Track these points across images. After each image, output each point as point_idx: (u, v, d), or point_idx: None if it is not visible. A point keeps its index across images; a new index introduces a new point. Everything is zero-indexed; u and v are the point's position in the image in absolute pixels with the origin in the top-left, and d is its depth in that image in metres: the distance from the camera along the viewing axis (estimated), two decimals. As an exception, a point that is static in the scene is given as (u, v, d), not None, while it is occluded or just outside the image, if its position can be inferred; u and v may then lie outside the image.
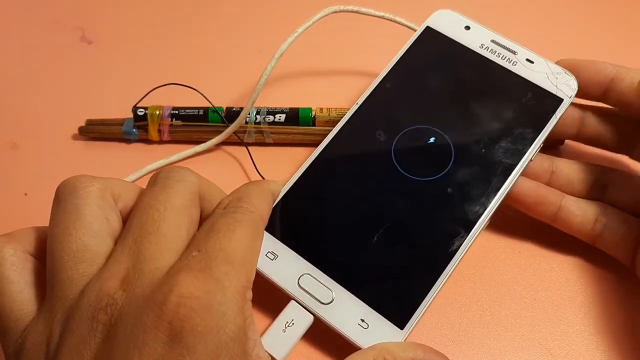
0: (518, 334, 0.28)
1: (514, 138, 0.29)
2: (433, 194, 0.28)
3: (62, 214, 0.21)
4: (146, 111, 0.36)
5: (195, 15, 0.45)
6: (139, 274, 0.19)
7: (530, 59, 0.31)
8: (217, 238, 0.21)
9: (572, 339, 0.28)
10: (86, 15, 0.45)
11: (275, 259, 0.27)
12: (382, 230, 0.27)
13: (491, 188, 0.28)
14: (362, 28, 0.43)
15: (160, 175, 0.23)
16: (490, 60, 0.31)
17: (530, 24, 0.41)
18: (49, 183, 0.34)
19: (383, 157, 0.29)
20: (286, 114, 0.36)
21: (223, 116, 0.35)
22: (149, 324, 0.18)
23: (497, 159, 0.29)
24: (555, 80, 0.30)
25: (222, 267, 0.20)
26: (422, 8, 0.37)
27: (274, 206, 0.28)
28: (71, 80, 0.41)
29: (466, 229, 0.27)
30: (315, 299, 0.26)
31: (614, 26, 0.43)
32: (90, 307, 0.19)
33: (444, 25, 0.33)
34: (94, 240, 0.21)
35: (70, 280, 0.20)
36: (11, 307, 0.20)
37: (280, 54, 0.34)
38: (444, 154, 0.29)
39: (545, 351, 0.28)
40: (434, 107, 0.31)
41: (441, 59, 0.32)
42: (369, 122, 0.31)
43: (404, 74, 0.32)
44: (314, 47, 0.38)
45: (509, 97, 0.30)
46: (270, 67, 0.34)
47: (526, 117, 0.30)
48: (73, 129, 0.37)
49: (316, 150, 0.30)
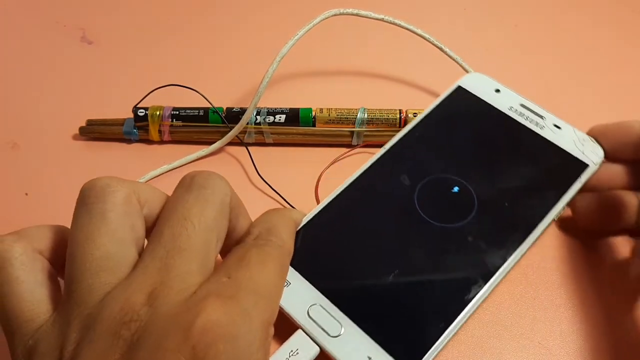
0: (518, 333, 0.28)
1: (537, 198, 0.29)
2: (452, 241, 0.28)
3: (86, 218, 0.20)
4: (147, 111, 0.36)
5: (195, 16, 0.46)
6: (167, 291, 0.19)
7: (558, 125, 0.32)
8: (249, 268, 0.21)
9: (572, 339, 0.28)
10: (87, 15, 0.45)
11: (287, 286, 0.27)
12: (398, 270, 0.27)
13: (511, 242, 0.28)
14: (361, 30, 0.43)
15: (195, 182, 0.22)
16: (518, 122, 0.32)
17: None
18: (49, 183, 0.34)
19: (405, 200, 0.30)
20: (286, 114, 0.36)
21: (223, 117, 0.35)
22: (172, 346, 0.17)
23: (519, 216, 0.29)
24: (582, 146, 0.31)
25: (251, 298, 0.19)
26: (421, 11, 0.37)
27: (298, 231, 0.28)
28: (72, 81, 0.41)
29: (483, 278, 0.27)
30: (323, 331, 0.25)
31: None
32: (113, 321, 0.18)
33: (475, 86, 0.34)
34: (118, 249, 0.20)
35: (91, 288, 0.19)
36: (21, 307, 0.20)
37: (282, 57, 0.34)
38: (466, 204, 0.29)
39: (545, 351, 0.28)
40: (460, 160, 0.31)
41: (470, 116, 0.33)
42: (395, 165, 0.31)
43: (433, 125, 0.33)
44: (313, 49, 0.38)
45: (534, 158, 0.31)
46: (272, 70, 0.34)
47: (551, 179, 0.30)
48: (74, 129, 0.37)
49: (341, 185, 0.31)
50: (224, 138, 0.35)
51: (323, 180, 0.35)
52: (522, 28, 0.45)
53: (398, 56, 0.43)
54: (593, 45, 0.44)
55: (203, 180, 0.22)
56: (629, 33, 0.45)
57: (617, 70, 0.42)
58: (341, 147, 0.36)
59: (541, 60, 0.43)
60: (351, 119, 0.36)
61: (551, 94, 0.41)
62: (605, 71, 0.42)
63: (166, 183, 0.34)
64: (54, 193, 0.34)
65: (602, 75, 0.42)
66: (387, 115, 0.36)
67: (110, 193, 0.21)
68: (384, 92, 0.40)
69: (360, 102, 0.36)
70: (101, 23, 0.45)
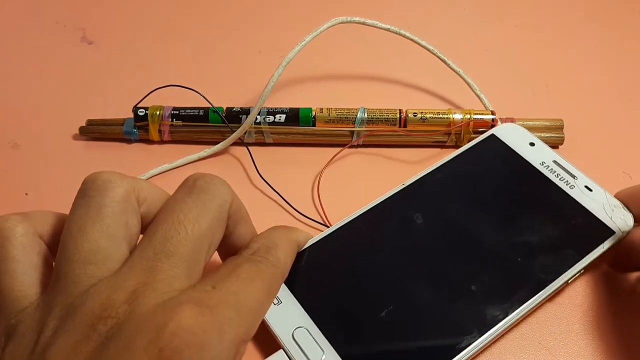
0: (518, 333, 0.28)
1: (553, 257, 0.28)
2: (454, 288, 0.27)
3: (83, 209, 0.21)
4: (147, 111, 0.36)
5: (195, 16, 0.46)
6: (149, 293, 0.19)
7: (590, 187, 0.31)
8: (236, 282, 0.21)
9: (572, 339, 0.28)
10: (87, 15, 0.45)
11: (278, 305, 0.27)
12: (392, 308, 0.27)
13: (516, 298, 0.27)
14: (364, 36, 0.43)
15: (196, 186, 0.22)
16: (548, 179, 0.31)
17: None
18: (49, 183, 0.34)
19: (414, 239, 0.29)
20: (286, 114, 0.36)
21: (223, 117, 0.35)
22: (141, 344, 0.17)
23: (531, 272, 0.28)
24: (611, 212, 0.30)
25: (228, 313, 0.19)
26: (427, 22, 0.37)
27: (300, 252, 0.28)
28: (72, 81, 0.41)
29: (480, 330, 0.26)
30: (304, 355, 0.25)
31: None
32: (92, 314, 0.18)
33: (509, 136, 0.33)
34: (109, 244, 0.20)
35: (77, 279, 0.20)
36: (11, 286, 0.20)
37: (288, 62, 0.34)
38: (477, 252, 0.29)
39: (545, 351, 0.28)
40: (479, 205, 0.30)
41: (499, 165, 0.32)
42: (410, 203, 0.31)
43: (458, 169, 0.32)
44: (316, 52, 0.38)
45: (559, 217, 0.30)
46: (278, 74, 0.34)
47: (572, 240, 0.29)
48: (74, 129, 0.37)
49: (353, 213, 0.30)
50: (227, 140, 0.35)
51: (323, 180, 0.35)
52: (522, 28, 0.45)
53: (400, 58, 0.43)
54: (593, 45, 0.44)
55: (205, 184, 0.22)
56: (629, 33, 0.45)
57: (617, 69, 0.42)
58: (341, 147, 0.36)
59: (541, 60, 0.43)
60: (351, 119, 0.36)
61: (551, 94, 0.41)
62: (605, 71, 0.42)
63: (166, 182, 0.34)
64: (54, 193, 0.34)
65: (602, 75, 0.42)
66: (387, 115, 0.36)
67: (110, 188, 0.21)
68: (385, 93, 0.40)
69: (360, 103, 0.36)
70: (101, 23, 0.45)
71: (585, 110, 0.39)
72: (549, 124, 0.37)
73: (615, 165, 0.36)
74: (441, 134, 0.36)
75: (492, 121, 0.36)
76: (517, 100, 0.40)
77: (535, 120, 0.37)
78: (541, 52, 0.44)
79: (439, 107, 0.37)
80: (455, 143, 0.36)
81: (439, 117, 0.36)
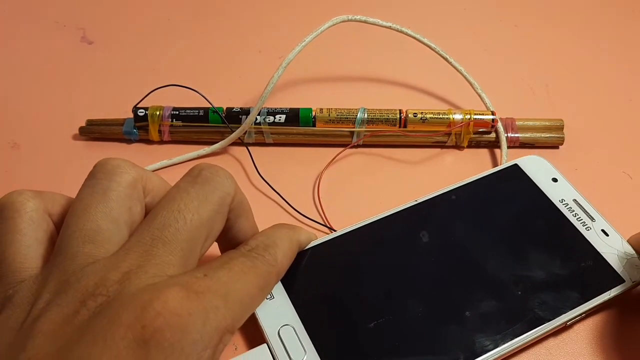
0: (518, 334, 0.28)
1: (556, 296, 0.28)
2: (449, 310, 0.27)
3: (89, 190, 0.22)
4: (146, 111, 0.36)
5: (195, 16, 0.46)
6: (141, 275, 0.19)
7: (607, 232, 0.30)
8: (228, 273, 0.21)
9: (572, 339, 0.28)
10: (87, 15, 0.45)
11: (270, 300, 0.27)
12: (381, 320, 0.27)
13: (510, 331, 0.26)
14: (363, 34, 0.43)
15: (201, 176, 0.23)
16: (564, 217, 0.31)
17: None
18: (49, 183, 0.34)
19: (416, 257, 0.29)
20: (286, 114, 0.36)
21: (223, 117, 0.35)
22: (125, 321, 0.18)
23: (529, 307, 0.27)
24: (625, 260, 0.29)
25: (215, 301, 0.20)
26: (427, 22, 0.37)
27: (301, 252, 0.28)
28: (72, 81, 0.41)
29: (465, 357, 0.26)
30: (286, 353, 0.25)
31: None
32: (84, 291, 0.19)
33: (532, 168, 0.33)
34: (109, 226, 0.21)
35: (74, 256, 0.20)
36: (15, 257, 0.21)
37: (288, 63, 0.34)
38: (476, 280, 0.28)
39: (545, 351, 0.28)
40: (488, 233, 0.30)
41: (516, 196, 0.32)
42: (419, 220, 0.30)
43: (474, 193, 0.32)
44: (316, 52, 0.38)
45: (569, 257, 0.29)
46: (277, 75, 0.34)
47: (579, 282, 0.28)
48: (74, 129, 0.37)
49: (360, 222, 0.30)
50: (226, 139, 0.35)
51: (323, 180, 0.35)
52: (522, 28, 0.45)
53: (400, 58, 0.43)
54: (593, 45, 0.44)
55: (209, 174, 0.23)
56: (629, 33, 0.45)
57: (617, 70, 0.42)
58: (341, 148, 0.36)
59: (541, 61, 0.43)
60: (351, 119, 0.36)
61: (551, 94, 0.41)
62: (605, 71, 0.42)
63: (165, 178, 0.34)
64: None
65: (602, 75, 0.42)
66: (387, 115, 0.36)
67: (118, 174, 0.22)
68: (385, 93, 0.40)
69: (361, 103, 0.36)
70: (101, 23, 0.45)
71: (585, 110, 0.39)
72: (549, 124, 0.37)
73: (615, 165, 0.36)
74: (441, 134, 0.36)
75: (492, 121, 0.36)
76: (517, 100, 0.40)
77: (535, 120, 0.37)
78: (541, 52, 0.44)
79: (439, 107, 0.37)
80: (456, 143, 0.36)
81: (439, 118, 0.36)
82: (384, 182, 0.35)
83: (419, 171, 0.35)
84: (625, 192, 0.35)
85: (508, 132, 0.36)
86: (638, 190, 0.35)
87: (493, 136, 0.36)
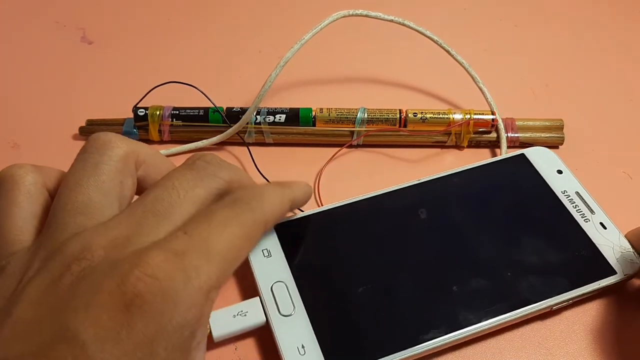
0: (518, 333, 0.28)
1: (546, 281, 0.28)
2: (437, 283, 0.28)
3: (81, 164, 0.22)
4: (147, 111, 0.36)
5: (195, 16, 0.46)
6: (127, 243, 0.20)
7: (605, 225, 0.30)
8: (208, 227, 0.21)
9: (572, 339, 0.28)
10: (87, 15, 0.45)
11: (268, 258, 0.28)
12: (370, 287, 0.28)
13: (493, 308, 0.27)
14: (364, 31, 0.43)
15: (201, 161, 0.23)
16: (564, 207, 0.31)
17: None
18: (49, 183, 0.34)
19: (412, 231, 0.30)
20: (286, 114, 0.36)
21: (224, 115, 0.35)
22: (106, 287, 0.18)
23: (517, 288, 0.28)
24: (620, 254, 0.29)
25: (196, 260, 0.19)
26: (427, 22, 0.37)
27: (302, 217, 0.30)
28: (72, 80, 0.41)
29: (446, 329, 0.26)
30: (276, 306, 0.27)
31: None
32: (69, 255, 0.19)
33: (538, 159, 0.33)
34: (101, 198, 0.21)
35: (65, 226, 0.20)
36: (10, 228, 0.21)
37: (286, 61, 0.34)
38: (468, 258, 0.29)
39: (545, 351, 0.28)
40: (487, 216, 0.31)
41: (519, 184, 0.32)
42: (420, 198, 0.31)
43: (477, 178, 0.33)
44: (316, 49, 0.38)
45: (563, 245, 0.30)
46: (275, 74, 0.33)
47: (570, 270, 0.29)
48: (74, 129, 0.37)
49: (365, 194, 0.31)
50: (223, 134, 0.35)
51: (323, 179, 0.35)
52: (522, 28, 0.46)
53: (399, 58, 0.43)
54: (592, 45, 0.44)
55: (208, 160, 0.23)
56: (629, 33, 0.45)
57: (617, 69, 0.42)
58: (342, 148, 0.36)
59: (541, 61, 0.43)
60: (351, 119, 0.36)
61: (551, 93, 0.41)
62: (605, 71, 0.42)
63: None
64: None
65: (602, 75, 0.42)
66: (387, 115, 0.36)
67: (110, 148, 0.22)
68: (385, 93, 0.40)
69: (361, 103, 0.36)
70: (101, 23, 0.45)
71: (585, 110, 0.39)
72: (549, 124, 0.37)
73: (615, 165, 0.36)
74: (441, 133, 0.36)
75: (493, 121, 0.36)
76: (517, 100, 0.40)
77: (535, 120, 0.37)
78: (541, 52, 0.44)
79: (439, 107, 0.37)
80: (456, 143, 0.36)
81: (439, 117, 0.36)
82: (384, 181, 0.34)
83: (419, 171, 0.35)
84: (625, 192, 0.35)
85: (508, 131, 0.36)
86: (638, 190, 0.35)
87: (493, 136, 0.36)
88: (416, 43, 0.38)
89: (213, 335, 0.26)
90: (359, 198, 0.31)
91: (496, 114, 0.36)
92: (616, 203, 0.32)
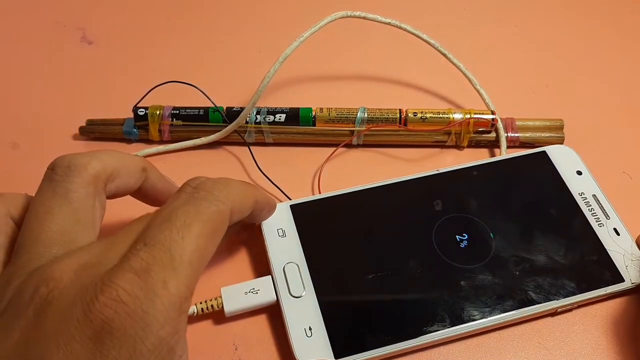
0: (518, 333, 0.28)
1: (552, 282, 0.28)
2: (448, 274, 0.29)
3: (50, 193, 0.21)
4: (147, 111, 0.36)
5: (195, 16, 0.46)
6: (97, 266, 0.19)
7: (618, 231, 0.30)
8: (170, 233, 0.19)
9: (572, 339, 0.28)
10: (87, 15, 0.45)
11: (282, 238, 0.29)
12: (382, 274, 0.28)
13: (499, 306, 0.27)
14: (363, 32, 0.43)
15: (204, 190, 0.22)
16: (580, 209, 0.31)
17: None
18: (49, 183, 0.34)
19: (426, 222, 0.30)
20: (286, 113, 0.36)
21: (224, 114, 0.35)
22: (75, 316, 0.18)
23: (523, 287, 0.28)
24: (630, 262, 0.29)
25: (162, 274, 0.19)
26: (427, 22, 0.37)
27: (319, 198, 0.31)
28: (72, 80, 0.41)
29: (452, 322, 0.27)
30: (287, 287, 0.27)
31: None
32: (39, 277, 0.19)
33: (559, 158, 0.33)
34: (75, 227, 0.21)
35: (39, 257, 0.20)
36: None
37: (284, 58, 0.34)
38: (480, 254, 0.29)
39: (545, 351, 0.28)
40: (501, 211, 0.31)
41: (536, 182, 0.32)
42: (437, 188, 0.32)
43: (496, 172, 0.33)
44: (316, 49, 0.38)
45: (574, 248, 0.30)
46: (274, 70, 0.33)
47: (578, 274, 0.29)
48: (74, 129, 0.37)
49: (382, 181, 0.32)
50: (221, 132, 0.35)
51: (323, 179, 0.35)
52: (522, 28, 0.45)
53: (399, 57, 0.43)
54: (592, 45, 0.44)
55: (211, 189, 0.22)
56: (629, 33, 0.45)
57: (617, 70, 0.42)
58: (342, 148, 0.36)
59: (541, 60, 0.43)
60: (351, 119, 0.36)
61: (551, 93, 0.41)
62: (605, 71, 0.42)
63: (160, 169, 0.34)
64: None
65: (602, 75, 0.42)
66: (387, 115, 0.36)
67: (78, 173, 0.22)
68: (385, 93, 0.40)
69: (361, 103, 0.36)
70: (101, 23, 0.45)
71: (585, 110, 0.39)
72: (549, 124, 0.37)
73: (616, 165, 0.36)
74: (441, 132, 0.36)
75: (492, 121, 0.36)
76: (517, 100, 0.40)
77: (535, 120, 0.37)
78: (541, 52, 0.44)
79: (439, 107, 0.37)
80: (455, 143, 0.36)
81: (439, 117, 0.36)
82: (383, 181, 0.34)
83: (419, 170, 0.35)
84: (625, 192, 0.35)
85: (508, 131, 0.36)
86: (638, 190, 0.35)
87: (493, 136, 0.36)
88: (416, 43, 0.38)
89: (225, 310, 0.27)
90: (378, 184, 0.32)
91: (496, 114, 0.36)
92: (616, 203, 0.32)
